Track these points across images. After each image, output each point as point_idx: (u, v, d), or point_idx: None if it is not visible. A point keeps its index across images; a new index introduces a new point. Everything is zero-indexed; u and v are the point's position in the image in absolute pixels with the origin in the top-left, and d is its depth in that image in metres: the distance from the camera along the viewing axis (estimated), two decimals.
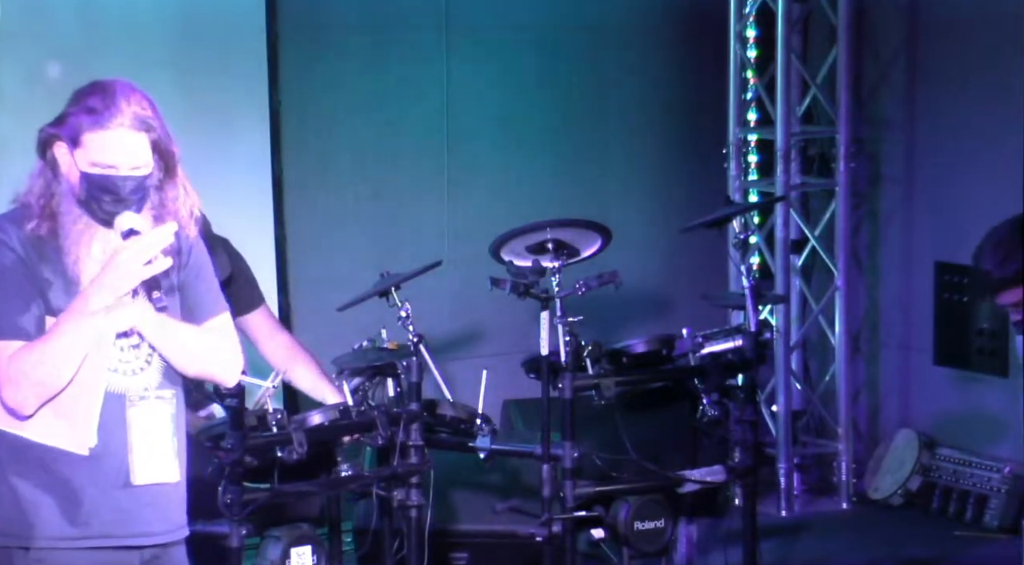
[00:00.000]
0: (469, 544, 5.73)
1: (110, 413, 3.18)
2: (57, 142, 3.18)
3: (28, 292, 3.14)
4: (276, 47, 6.31)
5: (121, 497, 3.20)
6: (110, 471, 3.19)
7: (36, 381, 3.10)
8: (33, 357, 3.10)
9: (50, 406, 3.14)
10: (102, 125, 3.13)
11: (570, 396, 4.92)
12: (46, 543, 3.16)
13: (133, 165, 3.16)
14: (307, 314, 6.33)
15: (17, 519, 3.18)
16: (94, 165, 3.14)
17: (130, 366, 3.20)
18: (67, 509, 3.17)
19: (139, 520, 3.22)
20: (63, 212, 3.17)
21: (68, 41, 5.83)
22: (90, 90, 3.19)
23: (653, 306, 6.81)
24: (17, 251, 3.15)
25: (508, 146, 6.79)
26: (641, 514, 5.02)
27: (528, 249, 5.03)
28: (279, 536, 4.58)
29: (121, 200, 3.14)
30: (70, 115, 3.16)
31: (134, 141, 3.15)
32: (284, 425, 4.57)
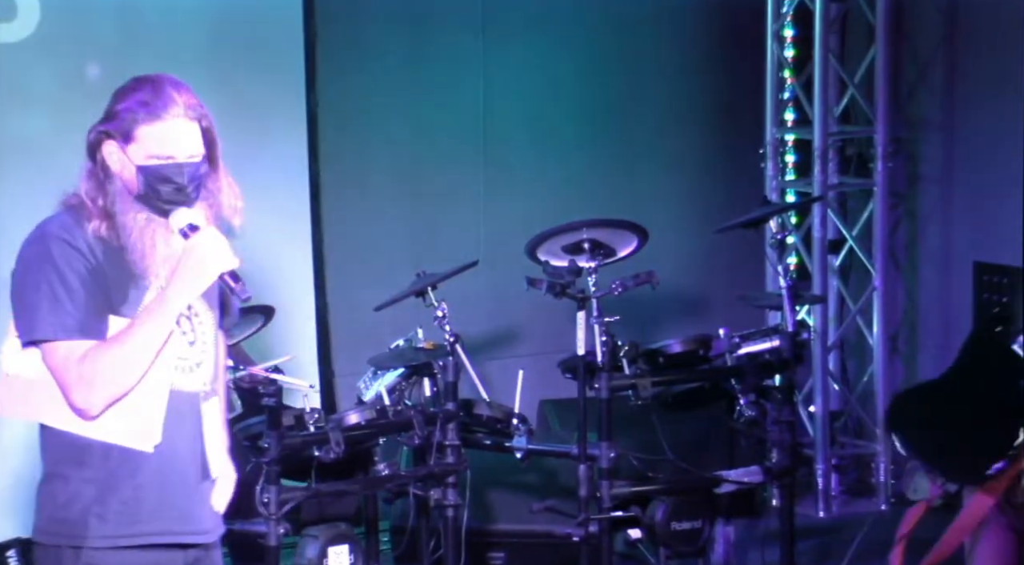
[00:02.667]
0: (506, 544, 5.73)
1: (174, 410, 3.18)
2: (107, 141, 3.16)
3: (95, 291, 3.13)
4: (313, 49, 6.33)
5: (181, 494, 3.20)
6: (174, 468, 3.19)
7: (110, 382, 3.09)
8: (109, 359, 3.09)
9: (115, 404, 3.13)
10: (158, 116, 3.13)
11: (607, 396, 4.92)
12: (99, 542, 3.15)
13: (190, 153, 3.15)
14: (344, 314, 6.34)
15: (70, 518, 3.17)
16: (151, 157, 3.13)
17: (187, 363, 3.21)
18: (126, 507, 3.16)
19: (195, 518, 3.22)
20: (120, 211, 3.15)
21: (106, 43, 5.86)
22: (136, 85, 3.19)
23: (690, 306, 6.79)
24: (83, 251, 3.14)
25: (545, 147, 6.79)
26: (678, 514, 5.01)
27: (564, 249, 5.03)
28: (317, 535, 4.60)
29: (181, 189, 3.14)
30: (121, 111, 3.15)
31: (189, 130, 3.15)
32: (321, 424, 4.59)
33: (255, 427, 4.52)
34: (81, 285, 3.12)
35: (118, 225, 3.16)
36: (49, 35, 5.73)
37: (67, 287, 3.12)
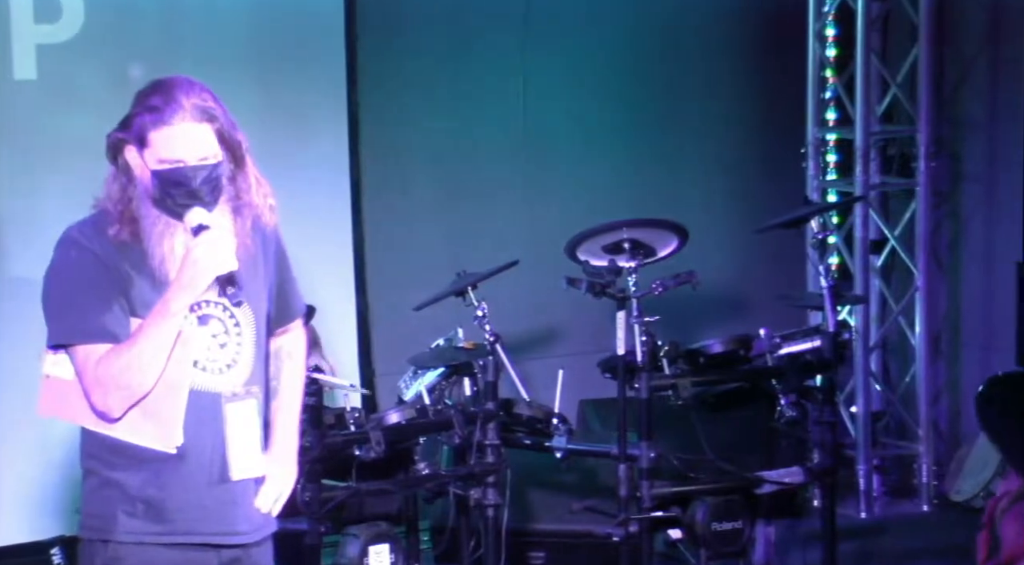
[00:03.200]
0: (546, 543, 5.73)
1: (197, 411, 3.19)
2: (127, 146, 3.19)
3: (110, 294, 3.15)
4: (355, 48, 6.34)
5: (206, 495, 3.21)
6: (197, 469, 3.20)
7: (123, 385, 3.12)
8: (120, 362, 3.12)
9: (138, 406, 3.15)
10: (165, 121, 3.14)
11: (647, 396, 4.91)
12: (126, 537, 3.18)
13: (200, 156, 3.16)
14: (384, 313, 6.36)
15: (101, 513, 3.20)
16: (162, 161, 3.15)
17: (217, 365, 3.21)
18: (151, 505, 3.18)
19: (224, 518, 3.23)
20: (142, 215, 3.18)
21: (149, 44, 5.89)
22: (150, 90, 3.20)
23: (730, 306, 6.77)
24: (97, 254, 3.17)
25: (585, 146, 6.78)
26: (719, 515, 5.00)
27: (604, 249, 5.02)
28: (357, 534, 4.61)
29: (193, 192, 3.15)
30: (134, 116, 3.18)
31: (198, 133, 3.16)
32: (362, 424, 4.60)
33: None
34: (99, 289, 3.15)
35: (140, 229, 3.18)
36: (93, 36, 5.77)
37: (85, 291, 3.15)
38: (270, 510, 3.33)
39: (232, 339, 3.23)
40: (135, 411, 3.15)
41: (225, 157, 3.20)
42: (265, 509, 3.30)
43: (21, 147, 5.64)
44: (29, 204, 5.53)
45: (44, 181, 5.58)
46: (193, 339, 3.18)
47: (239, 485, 3.24)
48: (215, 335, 3.21)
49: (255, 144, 5.01)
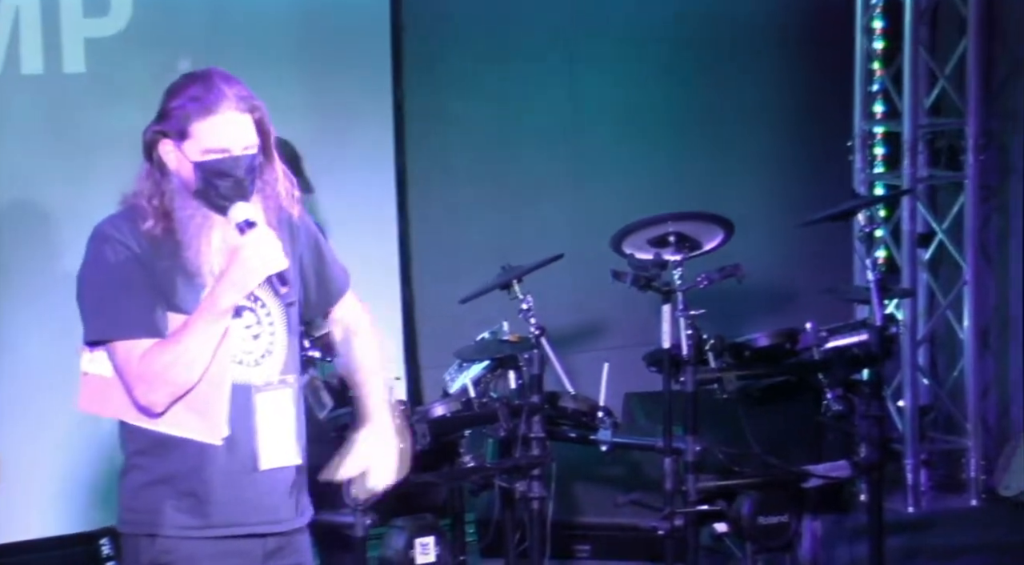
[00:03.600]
0: (591, 536, 5.73)
1: (237, 403, 3.19)
2: (163, 140, 3.17)
3: (146, 289, 3.15)
4: (400, 42, 6.35)
5: (249, 485, 3.21)
6: (241, 460, 3.20)
7: (169, 381, 3.12)
8: (166, 357, 3.11)
9: (182, 400, 3.15)
10: (211, 111, 3.13)
11: (692, 389, 4.90)
12: (173, 532, 3.19)
13: (245, 145, 3.15)
14: (430, 306, 6.37)
15: (146, 507, 3.21)
16: (207, 152, 3.13)
17: (252, 357, 3.21)
18: (196, 499, 3.19)
19: (266, 507, 3.23)
20: (177, 208, 3.16)
21: (196, 37, 5.92)
22: (187, 82, 3.19)
23: (776, 300, 6.75)
24: (133, 249, 3.16)
25: (630, 139, 6.77)
26: (765, 509, 4.99)
27: (650, 242, 5.02)
28: (403, 526, 4.62)
29: (239, 182, 3.14)
30: (174, 109, 3.15)
31: (242, 122, 3.15)
32: (407, 416, 4.61)
33: (343, 418, 4.55)
34: (134, 283, 3.14)
35: (175, 222, 3.17)
36: (141, 30, 5.81)
37: (120, 286, 3.15)
38: (375, 487, 3.33)
39: (265, 329, 3.22)
40: (178, 404, 3.15)
41: (258, 147, 3.20)
42: (380, 487, 3.29)
43: (70, 140, 5.68)
44: (78, 196, 5.57)
45: (93, 173, 5.61)
46: (230, 333, 3.17)
47: (280, 473, 3.24)
48: (248, 326, 3.21)
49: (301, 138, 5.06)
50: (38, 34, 5.65)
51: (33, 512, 5.64)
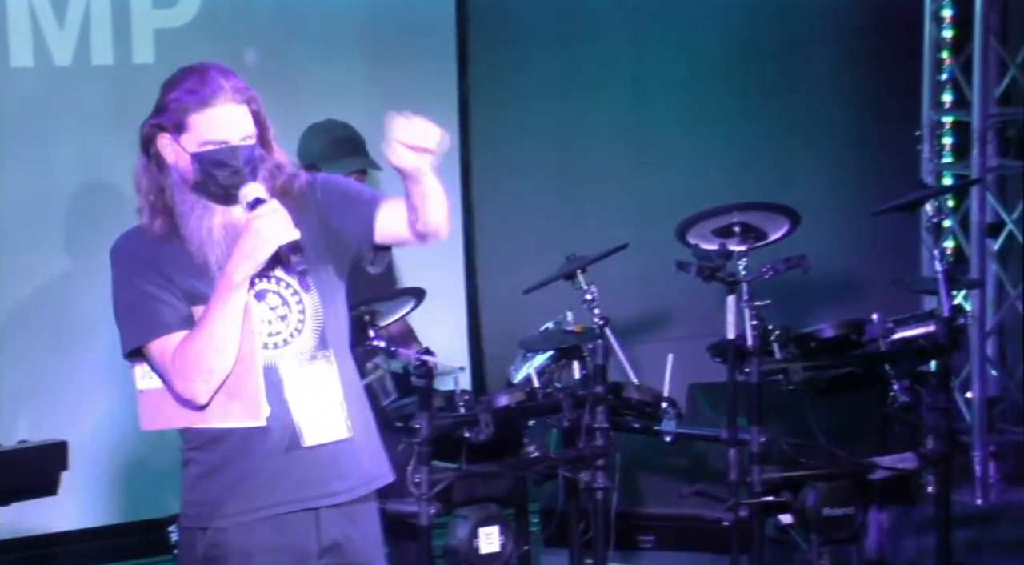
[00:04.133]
0: (655, 527, 5.73)
1: (271, 383, 3.20)
2: (160, 134, 3.19)
3: (161, 288, 3.18)
4: (465, 33, 6.37)
5: (294, 463, 3.21)
6: (283, 439, 3.21)
7: (203, 368, 3.13)
8: (195, 346, 3.13)
9: (222, 389, 3.17)
10: (208, 103, 3.14)
11: (757, 380, 4.88)
12: (223, 522, 3.21)
13: (243, 135, 3.17)
14: (494, 296, 6.38)
15: (199, 500, 3.24)
16: (205, 144, 3.15)
17: (281, 337, 3.21)
18: (244, 483, 3.20)
19: (316, 481, 3.22)
20: (178, 202, 3.19)
21: (263, 29, 5.97)
22: (183, 75, 3.20)
23: (842, 290, 6.71)
24: (140, 254, 3.19)
25: (696, 129, 6.75)
26: (830, 500, 4.96)
27: (715, 232, 5.00)
28: (467, 515, 4.64)
29: (237, 172, 3.15)
30: (171, 102, 3.17)
31: (239, 113, 3.16)
32: (471, 406, 4.63)
33: (407, 408, 4.57)
34: (150, 286, 3.17)
35: (177, 216, 3.19)
36: (208, 22, 5.86)
37: (139, 294, 3.18)
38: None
39: (293, 308, 3.22)
40: (220, 395, 3.17)
41: (257, 139, 3.20)
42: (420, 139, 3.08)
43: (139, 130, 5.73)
44: None
45: None
46: (254, 315, 3.18)
47: (327, 448, 3.23)
48: (273, 308, 3.21)
49: (367, 128, 5.08)
50: (108, 25, 5.71)
51: (102, 499, 5.72)
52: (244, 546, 3.20)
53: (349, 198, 3.29)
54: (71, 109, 5.70)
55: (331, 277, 3.27)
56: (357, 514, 3.29)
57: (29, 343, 5.64)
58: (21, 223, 5.62)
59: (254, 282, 3.18)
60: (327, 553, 3.25)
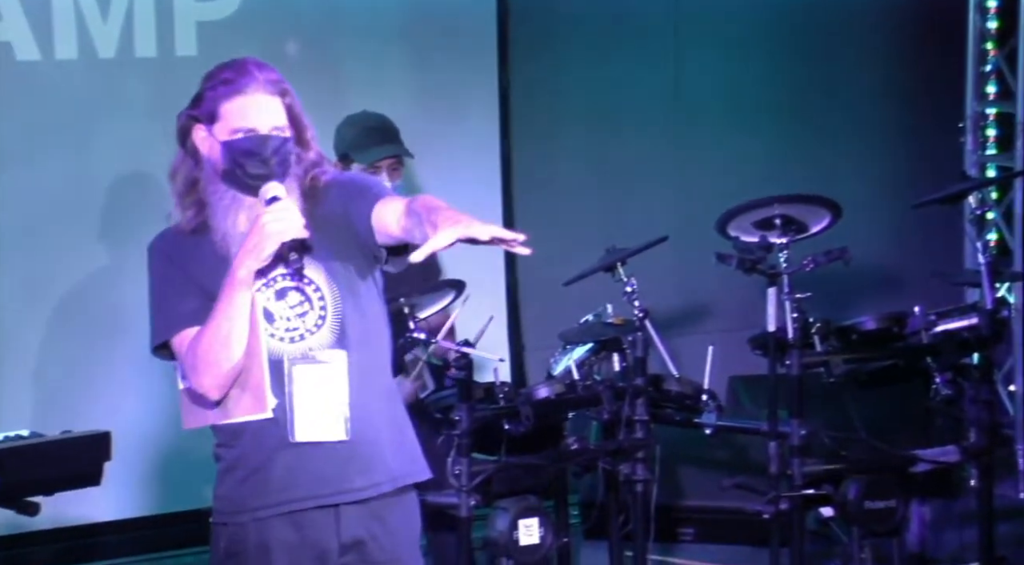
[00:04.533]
0: (695, 519, 5.73)
1: (279, 377, 3.20)
2: (196, 126, 3.21)
3: (184, 284, 3.20)
4: (506, 27, 6.37)
5: (310, 457, 3.19)
6: (291, 432, 3.20)
7: (211, 362, 3.14)
8: (204, 340, 3.15)
9: (236, 384, 3.18)
10: (239, 91, 3.16)
11: (797, 373, 4.87)
12: (244, 517, 3.21)
13: (272, 125, 3.18)
14: (534, 288, 6.39)
15: (223, 495, 3.25)
16: (234, 131, 3.17)
17: (297, 332, 3.21)
18: (260, 478, 3.20)
19: (336, 477, 3.21)
20: (210, 193, 3.21)
21: (306, 21, 5.99)
22: (220, 68, 3.22)
23: (884, 283, 6.68)
24: (167, 252, 3.23)
25: (736, 121, 6.73)
26: (872, 493, 4.94)
27: (755, 225, 4.98)
28: (507, 507, 4.64)
29: (265, 161, 3.15)
30: (205, 92, 3.20)
31: (270, 104, 3.18)
32: (511, 398, 4.63)
33: (446, 400, 4.58)
34: (173, 283, 3.21)
35: (208, 208, 3.21)
36: (250, 14, 5.88)
37: (163, 291, 3.22)
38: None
39: (315, 305, 3.22)
40: (235, 388, 3.18)
41: (292, 137, 3.21)
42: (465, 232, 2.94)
43: None
44: None
45: None
46: (272, 311, 3.19)
47: (352, 440, 3.21)
48: (293, 306, 3.21)
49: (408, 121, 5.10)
50: (151, 18, 5.75)
51: (144, 490, 5.76)
52: (262, 541, 3.20)
53: (360, 191, 3.27)
54: (114, 101, 5.73)
55: (353, 275, 3.26)
56: (384, 511, 3.26)
57: (71, 334, 5.68)
58: (63, 215, 5.66)
59: (276, 279, 3.19)
60: (349, 550, 3.23)
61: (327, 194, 3.26)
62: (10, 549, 5.29)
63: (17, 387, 5.59)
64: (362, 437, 3.22)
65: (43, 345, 5.65)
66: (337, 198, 3.25)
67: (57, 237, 5.66)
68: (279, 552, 3.20)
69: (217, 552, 3.26)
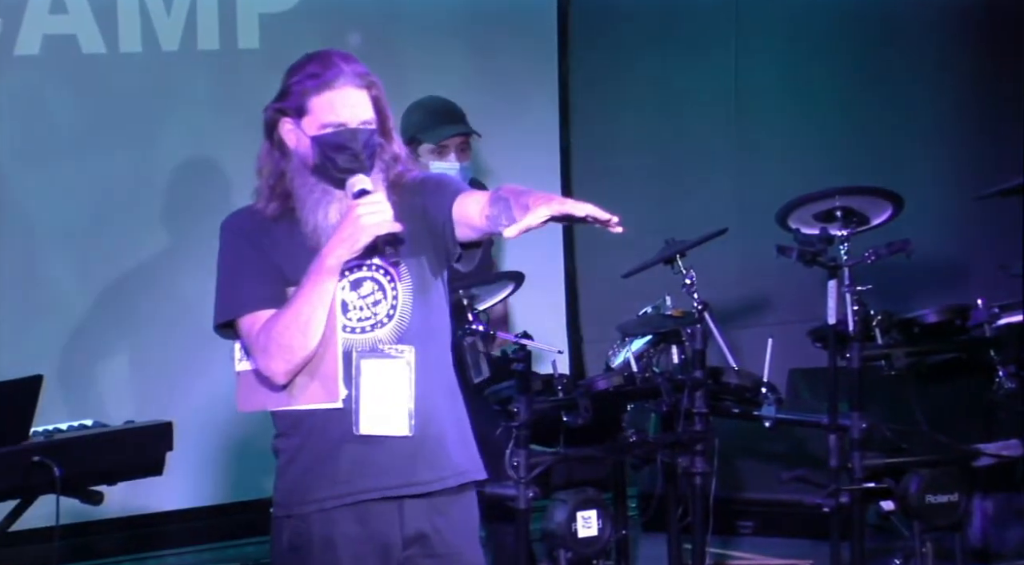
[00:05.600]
0: (754, 512, 5.71)
1: (349, 367, 3.21)
2: (283, 119, 3.22)
3: (260, 265, 3.21)
4: (566, 16, 6.36)
5: (376, 448, 3.20)
6: (358, 423, 3.21)
7: (284, 346, 3.15)
8: (281, 324, 3.15)
9: (304, 370, 3.18)
10: (328, 86, 3.17)
11: (858, 366, 4.84)
12: (307, 508, 3.21)
13: (361, 119, 3.19)
14: (593, 280, 6.38)
15: (285, 487, 3.25)
16: (324, 126, 3.18)
17: (368, 322, 3.22)
18: (325, 468, 3.21)
19: (401, 469, 3.21)
20: (297, 185, 3.22)
21: (367, 12, 6.00)
22: (306, 61, 3.24)
23: (946, 275, 6.62)
24: (245, 230, 3.23)
25: (797, 112, 6.69)
26: (933, 487, 4.91)
27: (816, 217, 4.96)
28: (566, 499, 4.65)
29: (355, 155, 3.17)
30: (292, 86, 3.21)
31: (358, 97, 3.19)
32: (570, 390, 4.64)
33: (505, 391, 4.59)
34: (251, 265, 3.21)
35: (295, 200, 3.22)
36: (312, 6, 5.91)
37: (238, 270, 3.22)
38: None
39: (388, 296, 3.23)
40: (303, 375, 3.19)
41: (377, 128, 3.22)
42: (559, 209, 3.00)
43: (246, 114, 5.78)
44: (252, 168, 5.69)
45: None
46: (347, 301, 3.20)
47: (417, 435, 3.21)
48: (365, 295, 3.22)
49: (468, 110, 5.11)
50: (214, 11, 5.79)
51: (206, 479, 5.80)
52: (327, 534, 3.21)
53: (439, 186, 3.29)
54: (177, 94, 5.78)
55: (425, 270, 3.27)
56: (446, 505, 3.26)
57: (134, 324, 5.73)
58: (128, 205, 5.72)
59: (353, 270, 3.21)
60: (413, 544, 3.24)
61: (409, 188, 3.28)
62: (75, 538, 5.35)
63: (81, 377, 5.65)
64: (426, 432, 3.23)
65: (107, 335, 5.70)
66: (417, 192, 3.27)
67: (121, 228, 5.71)
68: (343, 546, 3.21)
69: (280, 546, 3.26)
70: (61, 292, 5.65)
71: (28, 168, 5.60)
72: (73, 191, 5.65)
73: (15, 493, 3.82)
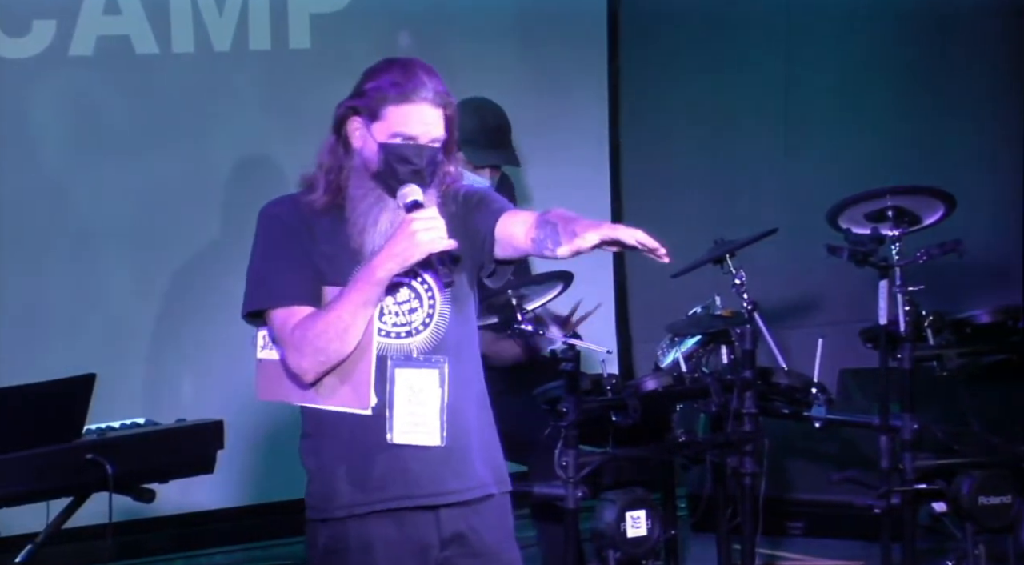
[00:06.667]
0: (804, 513, 5.69)
1: (382, 375, 3.20)
2: (353, 117, 3.22)
3: (300, 259, 3.20)
4: (616, 15, 6.36)
5: (410, 457, 3.20)
6: (389, 431, 3.20)
7: (320, 348, 3.15)
8: (319, 325, 3.14)
9: (335, 371, 3.18)
10: (407, 98, 3.17)
11: (909, 366, 4.82)
12: (342, 512, 3.21)
13: (432, 137, 3.19)
14: (642, 280, 6.37)
15: (319, 491, 3.25)
16: (395, 136, 3.18)
17: (404, 329, 3.22)
18: (359, 474, 3.20)
19: (433, 478, 3.21)
20: (352, 185, 3.21)
21: (418, 12, 6.02)
22: (387, 66, 3.23)
23: (999, 276, 6.58)
24: (286, 222, 3.22)
25: (848, 111, 6.66)
26: (986, 489, 4.88)
27: (867, 216, 4.94)
28: (614, 499, 4.64)
29: (418, 171, 3.17)
30: (371, 90, 3.20)
31: (434, 115, 3.19)
32: (619, 390, 4.63)
33: (553, 391, 4.59)
34: (290, 257, 3.19)
35: (345, 199, 3.21)
36: (363, 7, 5.93)
37: (277, 260, 3.21)
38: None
39: (424, 303, 3.23)
40: (332, 376, 3.18)
41: (443, 146, 3.22)
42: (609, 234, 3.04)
43: (296, 114, 5.82)
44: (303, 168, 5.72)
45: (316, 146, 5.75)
46: (383, 305, 3.19)
47: (447, 446, 3.21)
48: (401, 303, 3.21)
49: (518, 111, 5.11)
50: (266, 12, 5.82)
51: (255, 478, 5.83)
52: (364, 537, 3.21)
53: (484, 201, 3.29)
54: (229, 93, 5.81)
55: (463, 282, 3.26)
56: (481, 508, 3.26)
57: (186, 324, 5.77)
58: (179, 205, 5.75)
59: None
60: (450, 545, 3.24)
61: (452, 198, 3.28)
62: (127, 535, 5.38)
63: (133, 376, 5.69)
64: (456, 443, 3.23)
65: (158, 334, 5.74)
66: (462, 205, 3.27)
67: (173, 227, 5.75)
68: (381, 548, 3.21)
69: (315, 549, 3.26)
70: (113, 291, 5.69)
71: (81, 168, 5.65)
72: (125, 191, 5.69)
73: (68, 491, 3.85)
